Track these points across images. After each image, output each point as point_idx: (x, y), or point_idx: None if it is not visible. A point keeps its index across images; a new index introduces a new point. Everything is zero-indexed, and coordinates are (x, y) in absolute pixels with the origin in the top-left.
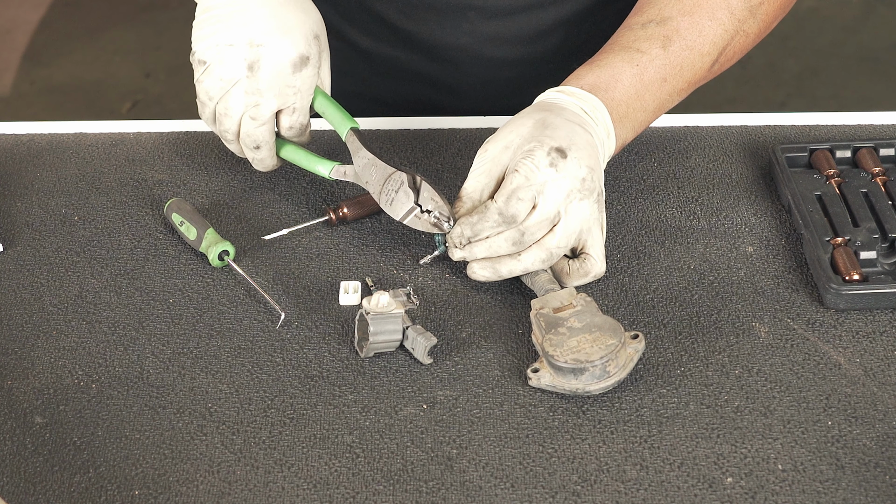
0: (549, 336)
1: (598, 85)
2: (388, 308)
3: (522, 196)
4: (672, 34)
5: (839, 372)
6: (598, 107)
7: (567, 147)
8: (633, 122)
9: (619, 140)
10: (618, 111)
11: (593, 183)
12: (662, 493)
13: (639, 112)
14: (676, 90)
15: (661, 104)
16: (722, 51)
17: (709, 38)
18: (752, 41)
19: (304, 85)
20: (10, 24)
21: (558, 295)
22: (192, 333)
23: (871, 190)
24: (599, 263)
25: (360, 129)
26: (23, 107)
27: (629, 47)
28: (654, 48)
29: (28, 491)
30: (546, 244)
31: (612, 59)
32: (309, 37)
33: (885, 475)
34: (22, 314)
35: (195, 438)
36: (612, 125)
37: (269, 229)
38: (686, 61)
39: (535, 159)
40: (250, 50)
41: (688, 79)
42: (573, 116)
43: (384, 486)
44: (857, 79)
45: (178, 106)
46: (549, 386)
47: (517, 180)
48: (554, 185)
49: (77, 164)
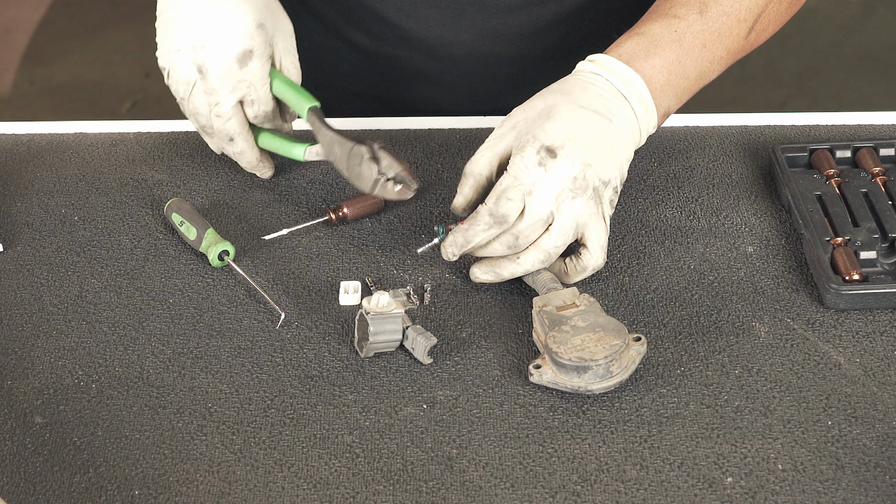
0: (552, 333)
1: (636, 54)
2: (388, 308)
3: (512, 196)
4: (709, 0)
5: (839, 372)
6: (633, 80)
7: (559, 145)
8: (676, 90)
9: (662, 109)
10: (658, 80)
11: (586, 181)
12: (662, 493)
13: (681, 79)
14: (717, 57)
15: (702, 71)
16: (758, 17)
17: (745, 3)
18: (786, 10)
19: (255, 76)
20: (10, 24)
21: (561, 294)
22: (192, 333)
23: (871, 190)
24: (595, 256)
25: (319, 108)
26: (23, 107)
27: (666, 14)
28: (691, 14)
29: (28, 491)
30: (542, 245)
31: (651, 27)
32: (250, 29)
33: (885, 475)
34: (22, 314)
35: (195, 438)
36: (650, 100)
37: (269, 229)
38: (724, 27)
39: (524, 158)
40: (195, 53)
41: (727, 46)
42: (593, 100)
43: (384, 486)
44: (857, 79)
45: (178, 106)
46: (551, 383)
47: (506, 181)
48: (543, 185)
49: (77, 164)
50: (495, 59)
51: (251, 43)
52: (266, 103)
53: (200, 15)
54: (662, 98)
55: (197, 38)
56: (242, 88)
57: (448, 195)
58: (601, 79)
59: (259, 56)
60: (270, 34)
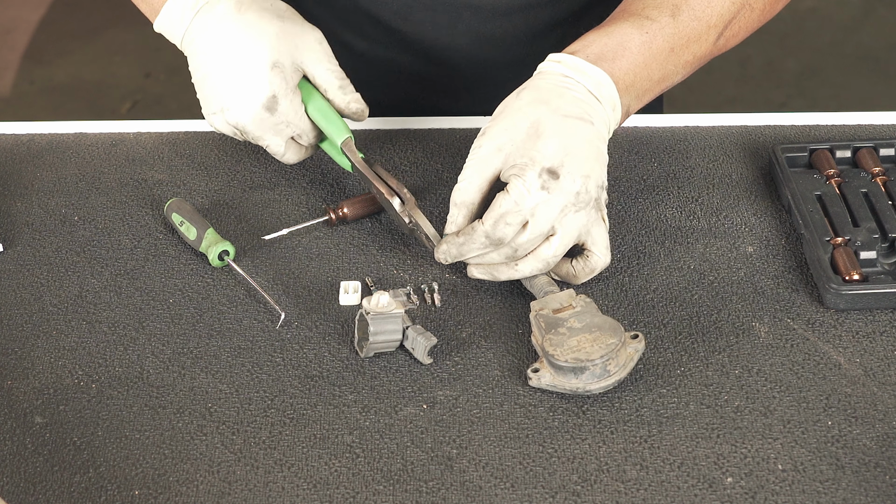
0: (549, 336)
1: (605, 54)
2: (388, 308)
3: (510, 221)
4: (681, 3)
5: (839, 372)
6: (603, 81)
7: (559, 164)
8: (638, 91)
9: (624, 108)
10: (624, 81)
11: (588, 194)
12: (662, 493)
13: (644, 81)
14: (683, 62)
15: (665, 75)
16: (728, 24)
17: (717, 9)
18: (758, 17)
19: (288, 115)
20: (10, 24)
21: (558, 297)
22: (192, 333)
23: (871, 190)
24: (603, 257)
25: (352, 139)
26: (23, 107)
27: (638, 14)
28: (663, 16)
29: (28, 491)
30: (542, 255)
31: (621, 26)
32: (265, 74)
33: (885, 475)
34: (22, 314)
35: (195, 438)
36: (617, 99)
37: (269, 229)
38: (694, 32)
39: (526, 182)
40: (226, 115)
41: (694, 51)
42: (573, 106)
43: (384, 486)
44: (857, 79)
45: (178, 106)
46: (550, 386)
47: (506, 204)
48: (546, 205)
49: (77, 164)
50: (492, 63)
51: (271, 88)
52: (310, 131)
53: (220, 74)
54: (625, 97)
55: (223, 101)
56: (283, 129)
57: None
58: (572, 81)
59: (284, 96)
60: (291, 60)
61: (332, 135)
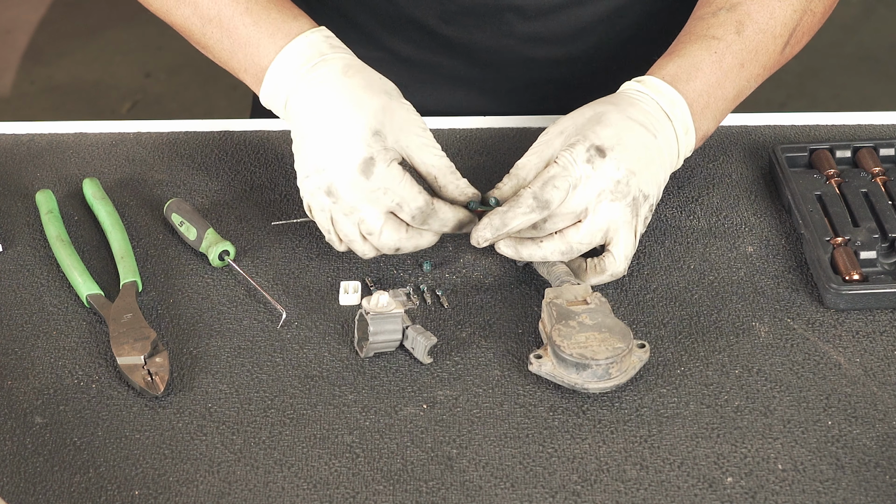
0: (558, 326)
1: (679, 76)
2: (387, 308)
3: (559, 185)
4: (744, 19)
5: (839, 372)
6: (676, 101)
7: (609, 147)
8: (715, 112)
9: (700, 132)
10: (699, 103)
11: (628, 187)
12: (662, 493)
13: (720, 101)
14: (753, 75)
15: (739, 91)
16: (792, 32)
17: (780, 19)
18: (819, 20)
19: (387, 180)
20: (10, 24)
21: (573, 289)
22: (192, 333)
23: (871, 190)
24: (619, 263)
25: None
26: (23, 107)
27: (704, 35)
28: (728, 34)
29: (28, 491)
30: (568, 237)
31: (690, 49)
32: (365, 137)
33: (885, 475)
34: (22, 314)
35: (195, 438)
36: (690, 122)
37: (269, 229)
38: (761, 45)
39: (574, 153)
40: (319, 177)
41: (763, 63)
42: (640, 114)
43: (384, 486)
44: (857, 79)
45: (178, 106)
46: (549, 375)
47: (554, 170)
48: (587, 181)
49: (77, 164)
50: (537, 63)
51: (369, 150)
52: (415, 199)
53: (317, 137)
54: (702, 121)
55: (318, 162)
56: (380, 197)
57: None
58: (646, 97)
59: (382, 160)
60: (394, 138)
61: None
